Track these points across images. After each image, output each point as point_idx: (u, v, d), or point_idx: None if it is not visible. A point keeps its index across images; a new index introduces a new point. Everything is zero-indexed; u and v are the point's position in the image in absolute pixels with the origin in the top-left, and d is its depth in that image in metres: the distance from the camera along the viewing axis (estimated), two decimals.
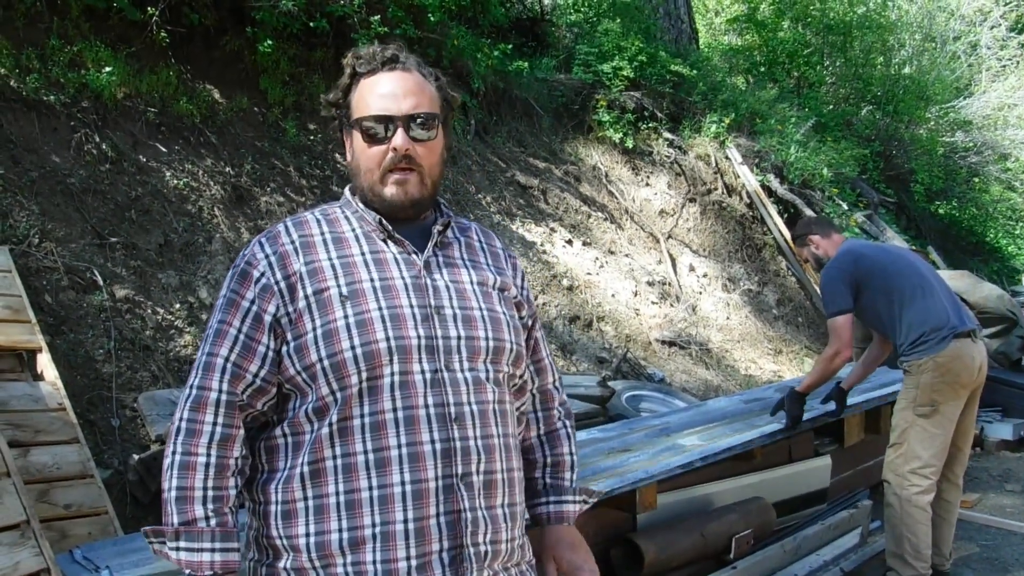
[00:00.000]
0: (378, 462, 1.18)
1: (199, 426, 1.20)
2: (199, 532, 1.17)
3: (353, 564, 1.17)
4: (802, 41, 11.44)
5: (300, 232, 1.28)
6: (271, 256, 1.25)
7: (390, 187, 1.27)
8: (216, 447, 1.20)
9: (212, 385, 1.21)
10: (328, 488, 1.18)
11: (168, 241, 4.19)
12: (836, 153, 8.84)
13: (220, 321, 1.25)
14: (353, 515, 1.17)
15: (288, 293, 1.23)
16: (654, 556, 2.78)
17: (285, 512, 1.21)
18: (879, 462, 4.40)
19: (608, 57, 7.86)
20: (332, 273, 1.24)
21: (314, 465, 1.19)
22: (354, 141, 1.30)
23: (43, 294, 3.55)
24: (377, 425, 1.18)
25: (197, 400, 1.21)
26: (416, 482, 1.18)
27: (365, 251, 1.27)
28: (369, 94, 1.28)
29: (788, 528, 3.41)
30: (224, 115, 5.01)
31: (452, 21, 6.30)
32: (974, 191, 12.36)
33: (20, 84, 4.14)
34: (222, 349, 1.23)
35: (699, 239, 7.81)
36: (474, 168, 6.52)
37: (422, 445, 1.18)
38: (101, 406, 3.39)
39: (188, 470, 1.18)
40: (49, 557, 2.17)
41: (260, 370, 1.23)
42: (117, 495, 3.04)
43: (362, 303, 1.21)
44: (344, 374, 1.19)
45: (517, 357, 1.33)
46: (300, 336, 1.21)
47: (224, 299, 1.26)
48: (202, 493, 1.18)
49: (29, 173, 3.89)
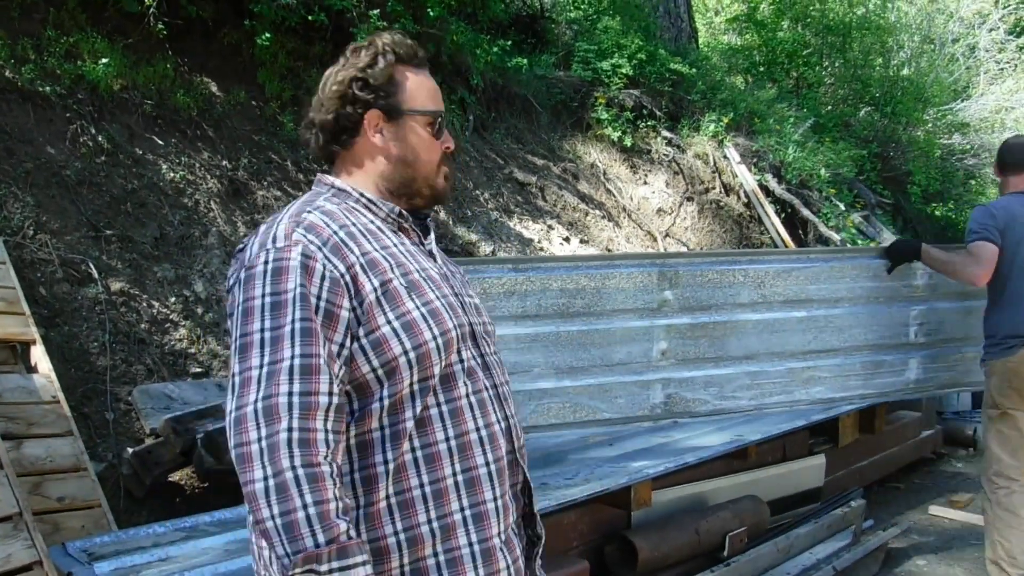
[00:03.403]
0: (460, 447, 1.20)
1: (313, 435, 1.08)
2: (348, 547, 1.06)
3: (446, 552, 1.17)
4: (801, 41, 11.45)
5: (337, 222, 1.21)
6: (324, 247, 1.16)
7: (442, 179, 1.34)
8: (332, 455, 1.10)
9: (320, 389, 1.10)
10: (411, 482, 1.16)
11: (164, 234, 4.18)
12: (834, 154, 8.85)
13: (303, 319, 1.11)
14: (440, 503, 1.18)
15: (353, 286, 1.16)
16: (648, 553, 2.79)
17: (368, 515, 1.15)
18: (873, 462, 4.43)
19: (607, 55, 7.85)
20: (388, 264, 1.21)
21: (396, 462, 1.16)
22: (408, 130, 1.30)
23: (37, 286, 3.54)
24: (456, 411, 1.21)
25: (306, 407, 1.08)
26: (497, 460, 1.24)
27: (395, 243, 1.27)
28: (424, 88, 1.32)
29: (782, 526, 3.42)
30: (221, 108, 5.00)
31: (451, 16, 6.28)
32: (971, 193, 12.39)
33: (15, 75, 4.11)
34: (319, 348, 1.11)
35: (697, 238, 7.81)
36: (472, 164, 6.51)
37: (493, 425, 1.25)
38: (95, 399, 3.38)
39: (319, 482, 1.06)
40: (42, 550, 2.16)
41: (341, 371, 1.14)
42: (111, 488, 3.03)
43: (424, 293, 1.22)
44: (428, 364, 1.18)
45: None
46: (373, 331, 1.16)
47: (291, 295, 1.12)
48: (336, 505, 1.06)
49: (24, 164, 3.87)
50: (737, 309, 3.24)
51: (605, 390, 3.02)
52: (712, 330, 3.20)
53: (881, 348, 3.52)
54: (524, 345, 2.89)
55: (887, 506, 4.34)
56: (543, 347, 2.92)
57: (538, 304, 2.90)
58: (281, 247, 1.16)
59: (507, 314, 2.84)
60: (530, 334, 2.90)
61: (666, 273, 3.11)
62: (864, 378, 3.49)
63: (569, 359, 2.96)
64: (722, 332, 3.21)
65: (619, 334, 3.04)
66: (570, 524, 2.79)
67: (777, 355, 3.32)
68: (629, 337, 3.06)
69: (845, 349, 3.45)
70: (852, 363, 3.48)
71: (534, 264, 2.97)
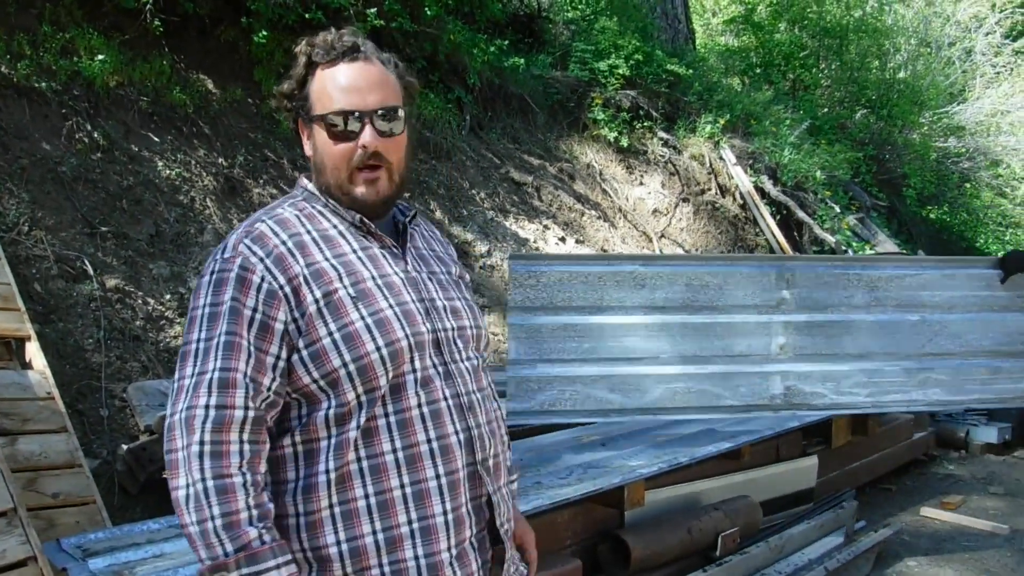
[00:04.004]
0: (408, 459, 1.17)
1: (226, 447, 1.11)
2: (259, 553, 1.09)
3: (391, 564, 1.16)
4: (798, 44, 11.48)
5: (288, 232, 1.20)
6: (266, 259, 1.17)
7: (360, 187, 1.22)
8: (247, 466, 1.12)
9: (236, 403, 1.12)
10: (356, 492, 1.16)
11: (159, 231, 4.18)
12: (830, 156, 8.88)
13: (229, 333, 1.14)
14: (387, 515, 1.16)
15: (294, 297, 1.16)
16: (641, 552, 2.80)
17: (310, 523, 1.16)
18: (865, 463, 4.45)
19: (604, 55, 7.86)
20: (336, 274, 1.18)
21: (340, 471, 1.16)
22: (316, 137, 1.23)
23: (32, 283, 3.53)
24: (405, 423, 1.18)
25: (220, 420, 1.11)
26: (450, 473, 1.20)
27: (356, 248, 1.23)
28: (332, 87, 1.21)
29: (774, 527, 3.43)
30: (217, 106, 4.99)
31: (449, 15, 6.28)
32: (966, 196, 12.44)
33: (11, 70, 4.11)
34: (239, 363, 1.13)
35: (692, 239, 7.83)
36: (468, 164, 6.51)
37: (449, 437, 1.20)
38: (90, 396, 3.38)
39: (228, 493, 1.10)
40: (36, 545, 2.16)
41: (272, 383, 1.16)
42: (105, 485, 3.03)
43: (373, 302, 1.18)
44: (372, 376, 1.16)
45: (487, 343, 1.38)
46: (314, 343, 1.16)
47: (226, 308, 1.15)
48: (248, 513, 1.10)
49: (19, 160, 3.87)
50: (852, 310, 3.44)
51: (727, 378, 3.28)
52: (828, 328, 3.41)
53: (998, 355, 3.63)
54: (653, 333, 3.19)
55: (879, 507, 4.36)
56: (669, 336, 3.22)
57: (666, 297, 3.20)
58: (227, 258, 1.18)
59: (636, 304, 3.13)
60: (658, 323, 3.20)
61: (784, 274, 3.37)
62: (982, 383, 3.63)
63: (694, 348, 3.24)
64: (837, 331, 3.42)
65: (740, 328, 3.31)
66: (564, 523, 2.80)
67: (892, 355, 3.49)
68: (749, 331, 3.32)
69: (961, 354, 3.58)
70: (969, 368, 3.61)
71: (663, 261, 3.37)
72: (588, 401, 3.19)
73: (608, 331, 3.16)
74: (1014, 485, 4.69)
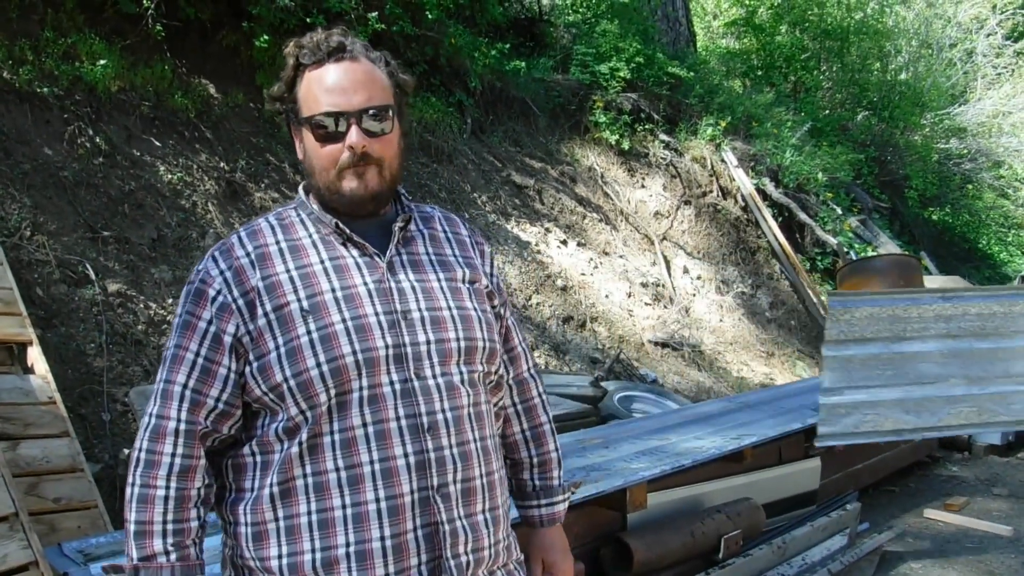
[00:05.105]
0: (351, 479, 1.14)
1: (158, 457, 1.15)
2: (158, 568, 1.14)
3: None
4: (799, 46, 11.49)
5: (254, 243, 1.21)
6: (226, 272, 1.19)
7: (348, 180, 1.19)
8: (176, 479, 1.15)
9: (171, 414, 1.16)
10: (299, 508, 1.15)
11: (161, 236, 4.18)
12: (831, 158, 8.88)
13: (176, 346, 1.19)
14: (326, 535, 1.14)
15: (247, 311, 1.17)
16: (643, 555, 2.79)
17: (256, 534, 1.17)
18: (868, 465, 4.44)
19: (605, 58, 7.87)
20: (291, 287, 1.17)
21: (284, 485, 1.15)
22: (305, 139, 1.22)
23: (34, 287, 3.54)
24: (348, 442, 1.14)
25: (156, 430, 1.16)
26: (391, 498, 1.14)
27: (324, 258, 1.20)
28: (318, 88, 1.20)
29: (777, 529, 3.42)
30: (219, 110, 5.00)
31: (450, 19, 6.30)
32: (967, 198, 12.43)
33: (13, 75, 4.12)
34: (179, 376, 1.17)
35: (693, 241, 7.83)
36: (470, 167, 6.52)
37: (395, 460, 1.15)
38: (92, 400, 3.38)
39: (147, 503, 1.15)
40: (37, 550, 2.16)
41: (222, 393, 1.17)
42: (107, 489, 3.03)
43: (324, 316, 1.15)
44: (312, 392, 1.14)
45: (491, 354, 1.27)
46: (263, 356, 1.16)
47: (180, 321, 1.20)
48: (161, 527, 1.14)
49: (21, 165, 3.88)
50: None
51: (1004, 396, 3.59)
52: None
53: None
54: (946, 359, 3.55)
55: (882, 509, 4.35)
56: (959, 361, 3.55)
57: (959, 327, 3.54)
58: (197, 270, 1.23)
59: (934, 334, 3.54)
60: (952, 349, 3.55)
61: None
62: None
63: (979, 371, 3.55)
64: None
65: (1021, 351, 3.63)
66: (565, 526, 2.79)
67: None
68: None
69: None
70: None
71: (957, 293, 3.67)
72: (886, 423, 3.50)
73: (908, 359, 3.51)
74: (1018, 487, 4.67)
